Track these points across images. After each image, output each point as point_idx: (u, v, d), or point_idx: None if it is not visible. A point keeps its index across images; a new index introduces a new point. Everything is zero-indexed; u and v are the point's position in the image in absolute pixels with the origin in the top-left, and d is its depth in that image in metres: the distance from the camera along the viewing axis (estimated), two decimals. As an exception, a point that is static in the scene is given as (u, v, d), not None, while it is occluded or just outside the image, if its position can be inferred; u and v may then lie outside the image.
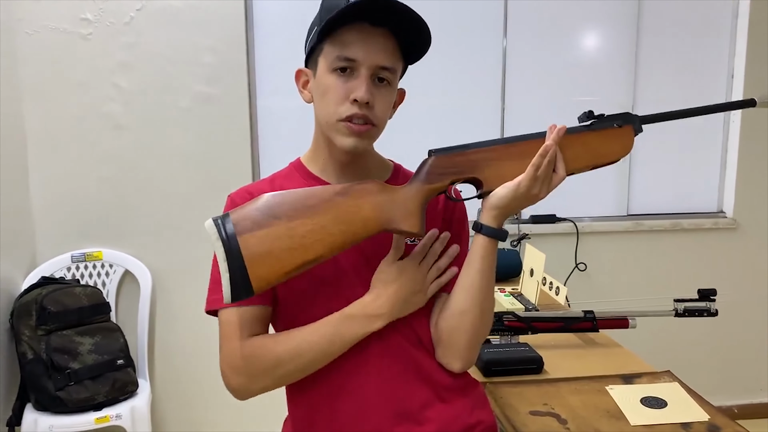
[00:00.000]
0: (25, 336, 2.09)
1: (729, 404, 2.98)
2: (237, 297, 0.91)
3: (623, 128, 1.07)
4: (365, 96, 0.97)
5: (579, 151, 1.04)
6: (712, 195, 2.98)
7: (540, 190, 1.00)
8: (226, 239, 0.90)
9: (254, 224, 0.92)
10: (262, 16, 2.54)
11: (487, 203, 1.01)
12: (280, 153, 2.55)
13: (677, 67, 2.86)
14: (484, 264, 1.03)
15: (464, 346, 1.06)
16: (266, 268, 0.91)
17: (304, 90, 1.07)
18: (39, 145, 2.37)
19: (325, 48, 1.00)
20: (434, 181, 1.01)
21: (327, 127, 1.02)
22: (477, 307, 1.04)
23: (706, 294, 1.63)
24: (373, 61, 0.98)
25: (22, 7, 2.29)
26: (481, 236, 1.02)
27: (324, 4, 1.01)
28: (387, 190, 0.99)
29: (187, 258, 2.47)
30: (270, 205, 0.94)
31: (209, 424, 2.61)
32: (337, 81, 0.99)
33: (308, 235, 0.93)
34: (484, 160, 1.02)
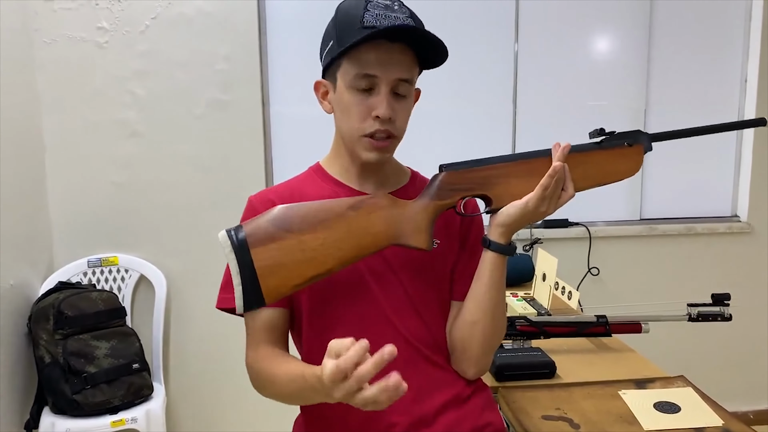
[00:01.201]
0: (42, 340, 2.12)
1: (744, 410, 2.95)
2: (249, 307, 0.94)
3: (633, 147, 1.07)
4: (387, 113, 1.00)
5: (588, 169, 1.05)
6: (726, 199, 2.97)
7: (548, 208, 1.01)
8: (239, 251, 0.93)
9: (267, 237, 0.94)
10: (275, 23, 2.57)
11: (496, 220, 1.03)
12: (293, 158, 2.58)
13: (690, 70, 2.84)
14: (494, 278, 1.04)
15: (477, 355, 1.09)
16: (277, 280, 0.94)
17: (324, 101, 1.08)
18: (56, 152, 2.41)
19: (344, 65, 1.01)
20: (444, 197, 1.02)
21: (350, 141, 1.05)
22: (488, 318, 1.06)
23: (720, 298, 1.62)
24: (391, 76, 1.00)
25: (39, 16, 2.33)
26: (489, 252, 1.04)
27: (340, 17, 1.02)
28: (397, 204, 1.01)
29: (202, 263, 2.49)
30: (282, 218, 0.96)
31: (224, 427, 2.63)
32: (358, 98, 1.01)
33: (319, 248, 0.95)
34: (493, 177, 1.03)
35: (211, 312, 1.12)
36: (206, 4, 2.42)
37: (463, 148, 2.75)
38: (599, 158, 1.06)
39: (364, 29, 0.96)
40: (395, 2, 1.01)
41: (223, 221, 1.11)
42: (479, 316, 1.06)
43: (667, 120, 2.79)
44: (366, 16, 0.97)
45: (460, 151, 2.72)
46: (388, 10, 0.99)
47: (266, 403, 1.12)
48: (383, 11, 0.99)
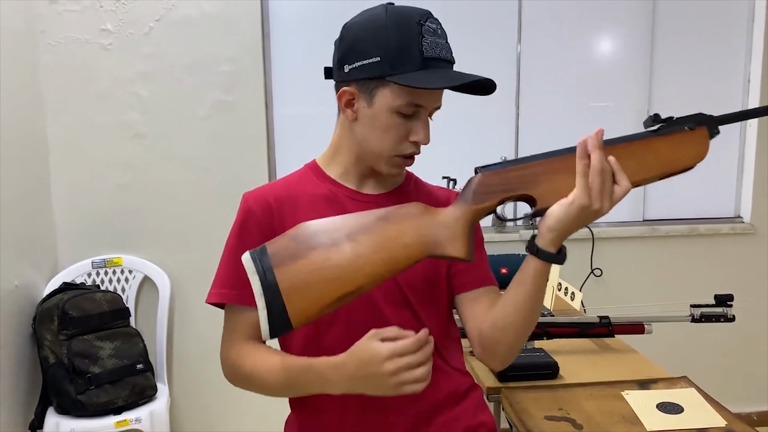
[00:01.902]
0: (47, 341, 2.13)
1: (748, 411, 2.95)
2: (275, 333, 0.89)
3: (696, 131, 0.95)
4: (427, 140, 1.03)
5: (645, 158, 0.93)
6: (729, 200, 2.96)
7: (601, 205, 0.89)
8: (263, 272, 0.88)
9: (291, 256, 0.89)
10: (278, 25, 2.57)
11: (544, 225, 0.92)
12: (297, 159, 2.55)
13: (693, 70, 2.84)
14: (536, 286, 0.96)
15: (506, 354, 1.06)
16: (305, 302, 0.88)
17: (348, 109, 1.04)
18: (60, 154, 2.42)
19: (393, 89, 0.98)
20: (482, 201, 0.94)
21: (376, 157, 1.04)
22: (524, 322, 1.00)
23: (723, 299, 1.62)
24: (434, 105, 1.03)
25: (44, 18, 2.35)
26: (535, 260, 0.94)
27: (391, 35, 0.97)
28: (430, 212, 0.95)
29: (206, 264, 2.47)
30: (307, 234, 0.91)
31: (227, 427, 2.63)
32: (399, 121, 1.01)
33: (348, 264, 0.89)
34: (536, 175, 0.93)
35: (215, 313, 1.13)
36: (210, 6, 2.43)
37: (466, 149, 2.75)
38: (657, 146, 0.94)
39: (424, 60, 0.97)
40: (438, 26, 1.01)
41: (227, 222, 1.11)
42: (515, 320, 0.99)
43: (670, 121, 2.78)
44: (424, 44, 0.97)
45: (462, 152, 2.73)
46: (437, 36, 0.99)
47: (269, 403, 1.13)
48: (434, 38, 0.99)
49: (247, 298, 1.02)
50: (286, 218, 1.07)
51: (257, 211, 1.07)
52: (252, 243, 1.04)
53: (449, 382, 1.11)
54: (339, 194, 1.09)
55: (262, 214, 1.07)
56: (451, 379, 1.11)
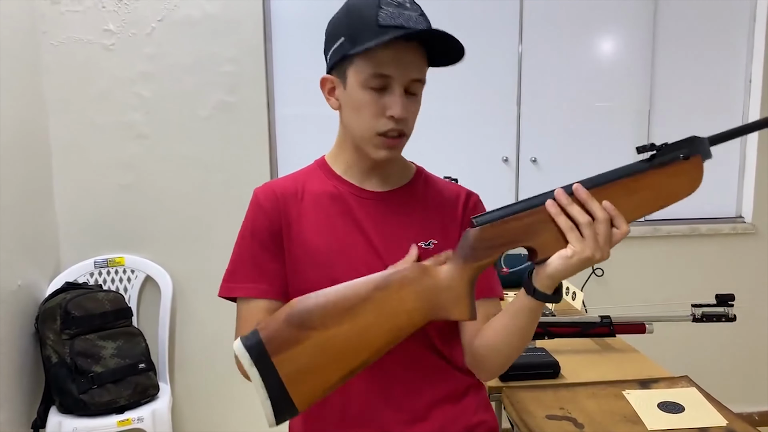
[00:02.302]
0: (49, 340, 2.13)
1: (749, 411, 2.95)
2: (281, 420, 0.87)
3: (690, 160, 0.92)
4: (402, 113, 0.99)
5: (641, 196, 0.91)
6: (731, 200, 2.96)
7: (602, 254, 0.88)
8: (260, 362, 0.85)
9: (287, 341, 0.86)
10: (280, 25, 2.58)
11: (543, 273, 0.91)
12: (298, 159, 2.56)
13: (694, 71, 2.84)
14: (529, 321, 0.96)
15: (492, 371, 1.08)
16: (309, 386, 0.86)
17: (331, 97, 1.07)
18: (63, 154, 2.43)
19: (357, 63, 0.99)
20: (482, 257, 0.91)
21: (360, 139, 1.04)
22: (511, 351, 1.01)
23: (724, 299, 1.63)
24: (406, 77, 0.99)
25: (47, 19, 2.35)
26: (531, 299, 0.93)
27: (352, 14, 1.00)
28: (428, 273, 0.92)
29: (207, 263, 2.50)
30: (300, 315, 0.87)
31: (228, 426, 2.64)
32: (371, 97, 0.99)
33: (349, 341, 0.87)
34: (535, 223, 0.90)
35: (217, 312, 1.14)
36: (212, 6, 2.44)
37: (468, 149, 2.75)
38: (652, 181, 0.91)
39: (380, 28, 0.95)
40: (407, 0, 1.00)
41: (229, 222, 1.12)
42: (504, 346, 1.00)
43: (672, 122, 2.78)
44: (381, 14, 0.96)
45: (464, 152, 2.74)
46: (401, 8, 0.98)
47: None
48: (397, 9, 0.97)
49: (261, 290, 1.03)
50: (291, 215, 1.07)
51: (266, 205, 1.08)
52: (262, 238, 1.06)
53: (449, 380, 1.11)
54: (343, 191, 1.09)
55: (271, 209, 1.07)
56: (451, 377, 1.11)
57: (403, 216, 1.05)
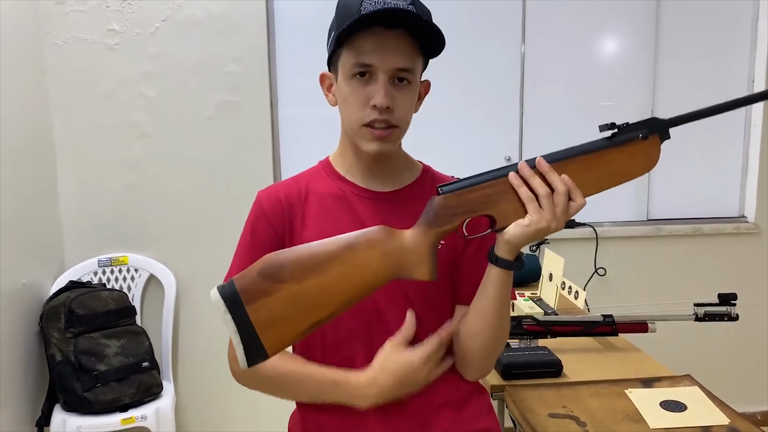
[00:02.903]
0: (54, 338, 2.14)
1: (752, 411, 2.95)
2: (253, 362, 0.90)
3: (648, 140, 0.96)
4: (384, 101, 0.98)
5: (599, 172, 0.96)
6: (734, 199, 2.96)
7: (556, 222, 0.93)
8: (234, 310, 0.89)
9: (260, 291, 0.89)
10: (283, 25, 2.58)
11: (501, 238, 0.96)
12: (301, 160, 2.57)
13: (696, 70, 2.84)
14: (499, 292, 1.00)
15: (477, 362, 1.08)
16: (278, 333, 0.90)
17: (329, 93, 1.08)
18: (67, 153, 2.43)
19: (343, 54, 1.01)
20: (444, 224, 0.96)
21: (351, 132, 1.04)
22: (492, 330, 1.03)
23: (727, 298, 1.63)
24: (389, 65, 0.98)
25: (51, 19, 2.36)
26: (496, 268, 0.98)
27: (339, 8, 1.02)
28: (394, 236, 0.95)
29: (211, 262, 2.51)
30: (273, 268, 0.90)
31: (232, 425, 2.65)
32: (356, 87, 1.00)
33: (318, 295, 0.91)
34: (495, 195, 0.95)
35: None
36: (215, 6, 2.45)
37: (470, 149, 2.76)
38: (610, 158, 0.96)
39: (362, 16, 0.95)
40: None
41: (232, 221, 1.12)
42: (482, 328, 1.03)
43: (674, 121, 2.78)
44: (364, 4, 0.96)
45: (466, 152, 2.74)
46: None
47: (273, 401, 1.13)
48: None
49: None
50: (296, 218, 1.07)
51: (269, 209, 1.08)
52: (263, 241, 1.06)
53: (450, 387, 1.10)
54: (347, 192, 1.09)
55: (274, 212, 1.07)
56: (451, 384, 1.10)
57: (408, 216, 1.05)
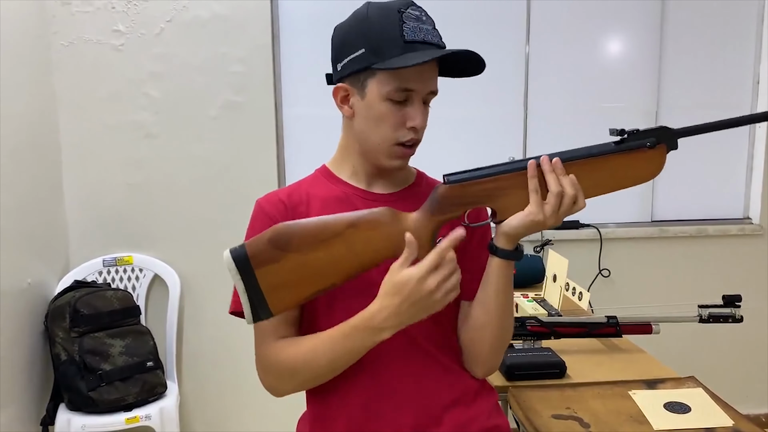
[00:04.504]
0: (58, 338, 2.15)
1: (756, 413, 2.94)
2: (258, 319, 0.98)
3: (656, 149, 0.99)
4: (424, 124, 1.04)
5: (603, 176, 0.99)
6: (738, 201, 2.95)
7: (556, 219, 0.98)
8: (244, 272, 0.96)
9: (269, 258, 0.96)
10: (288, 26, 2.59)
11: (500, 230, 1.01)
12: (305, 160, 2.60)
13: (701, 71, 2.84)
14: (501, 283, 1.04)
15: (485, 356, 1.10)
16: (283, 296, 0.98)
17: (344, 105, 1.08)
18: (73, 153, 2.44)
19: (381, 76, 1.01)
20: (447, 212, 1.00)
21: (376, 148, 1.06)
22: (496, 322, 1.06)
23: (731, 300, 1.62)
24: (426, 90, 1.03)
25: (57, 19, 2.37)
26: (496, 258, 1.03)
27: (374, 31, 1.01)
28: (398, 218, 0.99)
29: (215, 263, 2.50)
30: (282, 239, 0.97)
31: (236, 425, 2.65)
32: (392, 108, 1.03)
33: (321, 267, 0.97)
34: (497, 190, 1.00)
35: (224, 311, 1.14)
36: (220, 7, 2.45)
37: (474, 150, 2.76)
38: (615, 163, 0.99)
39: (406, 44, 0.99)
40: (422, 13, 1.03)
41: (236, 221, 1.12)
42: (487, 320, 1.06)
43: (679, 122, 2.75)
44: (405, 29, 0.99)
45: (470, 153, 2.74)
46: (419, 21, 1.01)
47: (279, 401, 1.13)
48: (417, 23, 1.01)
49: None
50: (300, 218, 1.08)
51: (272, 211, 1.08)
52: None
53: (459, 381, 1.11)
54: (350, 194, 1.10)
55: (277, 214, 1.08)
56: (461, 378, 1.11)
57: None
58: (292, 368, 1.04)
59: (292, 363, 1.04)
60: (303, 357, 1.03)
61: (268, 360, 1.06)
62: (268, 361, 1.06)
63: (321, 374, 1.04)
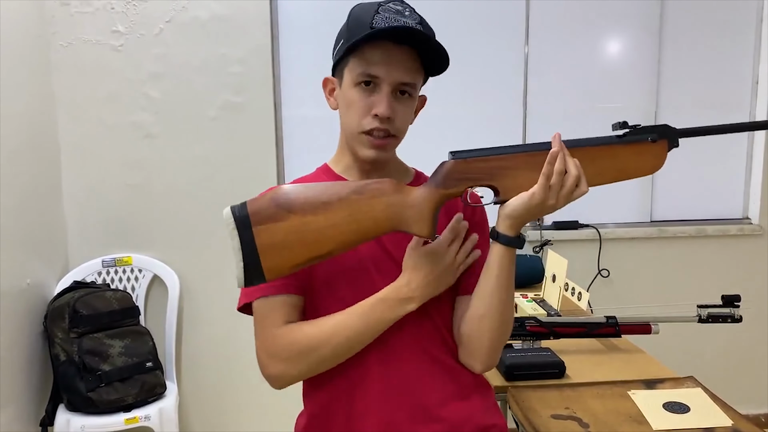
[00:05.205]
0: (58, 338, 2.15)
1: (755, 413, 2.94)
2: (249, 282, 0.96)
3: (657, 143, 1.01)
4: (386, 112, 1.02)
5: (605, 164, 1.01)
6: (738, 201, 2.96)
7: (557, 201, 0.98)
8: (242, 228, 0.95)
9: (269, 217, 0.96)
10: (287, 26, 2.59)
11: (503, 212, 1.01)
12: (305, 160, 2.61)
13: (700, 72, 2.84)
14: (502, 271, 1.03)
15: (485, 349, 1.09)
16: (278, 259, 0.96)
17: (331, 97, 1.12)
18: (72, 154, 2.44)
19: (351, 62, 1.04)
20: (450, 186, 1.01)
21: (350, 137, 1.08)
22: (496, 312, 1.05)
23: (730, 300, 1.62)
24: (394, 79, 1.03)
25: (56, 20, 2.37)
26: (498, 244, 1.02)
27: (351, 17, 1.05)
28: (402, 190, 1.01)
29: (214, 263, 2.52)
30: (286, 199, 0.97)
31: (235, 425, 2.65)
32: (360, 95, 1.04)
33: (320, 231, 0.97)
34: (502, 168, 1.00)
35: (224, 311, 1.14)
36: (220, 7, 2.46)
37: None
38: (618, 153, 1.01)
39: (371, 30, 1.00)
40: (407, 8, 1.04)
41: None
42: (486, 309, 1.05)
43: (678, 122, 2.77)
44: (376, 18, 1.01)
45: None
46: (398, 14, 1.02)
47: (278, 402, 1.13)
48: (393, 15, 1.02)
49: (281, 284, 1.04)
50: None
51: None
52: None
53: (456, 378, 1.11)
54: None
55: None
56: (458, 375, 1.12)
57: None
58: (308, 347, 1.03)
59: (307, 341, 1.03)
60: (325, 333, 1.02)
61: (277, 343, 1.04)
62: (278, 345, 1.04)
63: (343, 350, 1.03)
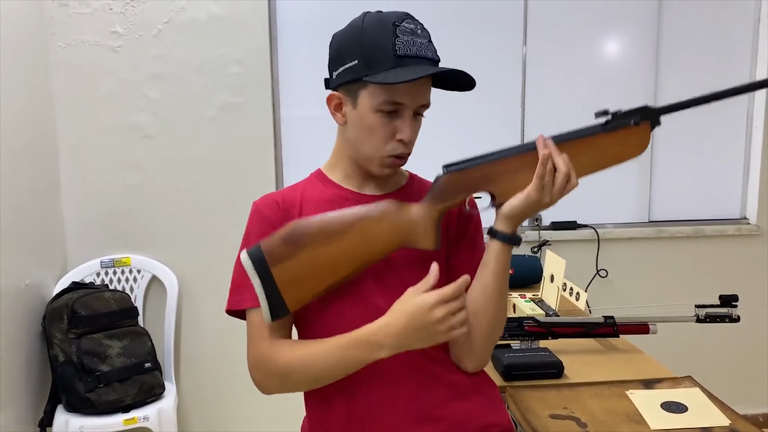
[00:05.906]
0: (56, 339, 2.15)
1: (753, 413, 2.95)
2: (276, 316, 1.02)
3: (640, 126, 1.05)
4: (412, 138, 1.06)
5: (593, 155, 1.05)
6: (735, 201, 2.96)
7: (551, 198, 1.03)
8: (261, 271, 1.01)
9: (283, 255, 1.01)
10: (286, 27, 2.59)
11: (501, 213, 1.05)
12: (303, 161, 2.61)
13: (698, 71, 2.84)
14: (499, 267, 1.06)
15: (478, 346, 1.10)
16: (298, 291, 1.02)
17: (337, 113, 1.10)
18: (70, 154, 2.44)
19: (371, 88, 1.03)
20: (448, 199, 1.06)
21: (367, 158, 1.08)
22: (491, 308, 1.08)
23: (728, 300, 1.63)
24: (416, 103, 1.05)
25: (55, 21, 2.37)
26: (495, 241, 1.06)
27: (366, 37, 1.03)
28: (403, 209, 1.05)
29: (213, 264, 2.52)
30: (294, 236, 1.02)
31: (234, 426, 2.65)
32: (382, 120, 1.04)
33: (333, 259, 1.02)
34: (495, 174, 1.05)
35: (222, 312, 1.14)
36: (218, 8, 2.46)
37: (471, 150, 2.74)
38: (603, 142, 1.05)
39: (397, 58, 1.00)
40: (418, 26, 1.04)
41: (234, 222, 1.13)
42: (483, 305, 1.07)
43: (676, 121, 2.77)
44: (397, 43, 1.01)
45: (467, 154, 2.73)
46: (414, 35, 1.02)
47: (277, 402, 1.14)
48: (411, 37, 1.02)
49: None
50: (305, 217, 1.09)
51: (268, 213, 1.11)
52: None
53: (456, 378, 1.12)
54: (342, 197, 1.12)
55: (273, 215, 1.10)
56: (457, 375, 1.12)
57: None
58: (286, 370, 1.05)
59: (286, 365, 1.05)
60: (299, 361, 1.04)
61: (261, 358, 1.07)
62: (261, 360, 1.07)
63: (316, 379, 1.06)
